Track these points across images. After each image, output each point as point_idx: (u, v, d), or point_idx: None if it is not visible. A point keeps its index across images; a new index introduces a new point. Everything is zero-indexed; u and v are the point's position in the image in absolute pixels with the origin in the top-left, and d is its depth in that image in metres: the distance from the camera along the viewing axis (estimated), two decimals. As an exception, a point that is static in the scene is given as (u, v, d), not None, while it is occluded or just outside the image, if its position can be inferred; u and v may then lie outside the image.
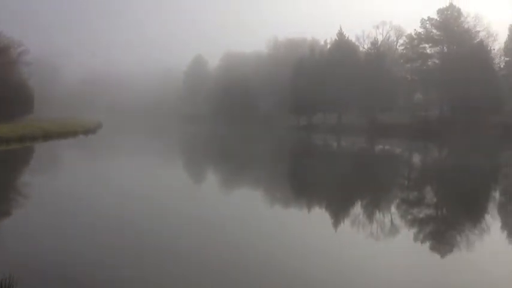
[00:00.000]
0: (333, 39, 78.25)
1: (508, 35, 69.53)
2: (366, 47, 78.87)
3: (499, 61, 70.09)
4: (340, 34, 75.69)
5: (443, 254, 11.49)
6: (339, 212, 16.13)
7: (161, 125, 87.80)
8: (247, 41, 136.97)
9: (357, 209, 16.68)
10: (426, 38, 68.82)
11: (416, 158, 38.70)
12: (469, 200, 18.58)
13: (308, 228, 13.70)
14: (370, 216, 15.41)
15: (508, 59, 70.22)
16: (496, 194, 21.16)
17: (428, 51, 69.81)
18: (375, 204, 17.86)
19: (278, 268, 9.91)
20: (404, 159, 37.26)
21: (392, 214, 15.52)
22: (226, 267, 9.93)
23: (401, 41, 78.35)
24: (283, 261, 10.32)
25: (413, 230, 13.94)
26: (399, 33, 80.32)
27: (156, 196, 17.93)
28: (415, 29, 70.17)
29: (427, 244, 12.61)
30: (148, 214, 14.70)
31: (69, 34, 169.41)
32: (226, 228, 13.25)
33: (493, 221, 14.83)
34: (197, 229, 12.93)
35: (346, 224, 14.34)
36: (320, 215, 15.64)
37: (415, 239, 12.88)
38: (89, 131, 60.27)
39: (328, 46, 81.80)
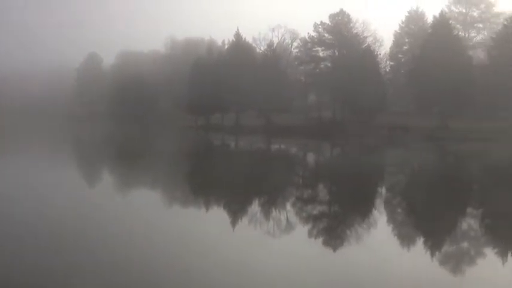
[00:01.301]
0: (231, 40, 79.05)
1: (393, 41, 74.68)
2: (262, 48, 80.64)
3: (385, 65, 74.95)
4: (238, 35, 76.56)
5: (335, 248, 12.06)
6: (232, 209, 16.28)
7: (50, 125, 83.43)
8: (145, 40, 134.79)
9: (255, 207, 16.96)
10: (319, 41, 71.73)
11: (310, 157, 40.18)
12: (359, 196, 19.68)
13: (190, 227, 13.73)
14: (264, 213, 15.77)
15: (392, 63, 75.39)
16: (382, 190, 22.58)
17: (320, 54, 72.87)
18: (271, 201, 18.29)
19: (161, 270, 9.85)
20: (298, 158, 38.57)
21: (288, 211, 16.00)
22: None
23: (295, 44, 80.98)
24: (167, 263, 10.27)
25: (306, 226, 14.47)
26: (294, 36, 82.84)
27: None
28: (308, 33, 72.91)
29: (320, 239, 13.16)
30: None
31: None
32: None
33: (379, 215, 15.82)
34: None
35: (234, 222, 14.53)
36: (212, 214, 15.70)
37: (308, 234, 13.38)
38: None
39: (226, 47, 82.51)
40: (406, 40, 73.63)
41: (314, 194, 20.84)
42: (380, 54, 72.80)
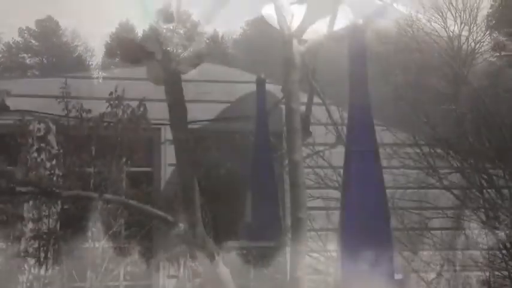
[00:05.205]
0: None
1: (105, 52, 73.28)
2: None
3: (98, 76, 71.68)
4: None
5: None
6: None
7: None
8: None
9: None
10: (25, 48, 69.29)
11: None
12: None
13: None
14: None
15: (105, 75, 72.74)
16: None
17: (27, 61, 69.70)
18: None
19: None
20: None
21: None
22: None
23: (-2, 49, 75.09)
24: None
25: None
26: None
27: None
28: (13, 38, 69.59)
29: None
30: None
31: None
32: None
33: None
34: None
35: None
36: None
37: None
38: None
39: None
40: (118, 52, 73.00)
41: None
42: (92, 64, 70.66)
